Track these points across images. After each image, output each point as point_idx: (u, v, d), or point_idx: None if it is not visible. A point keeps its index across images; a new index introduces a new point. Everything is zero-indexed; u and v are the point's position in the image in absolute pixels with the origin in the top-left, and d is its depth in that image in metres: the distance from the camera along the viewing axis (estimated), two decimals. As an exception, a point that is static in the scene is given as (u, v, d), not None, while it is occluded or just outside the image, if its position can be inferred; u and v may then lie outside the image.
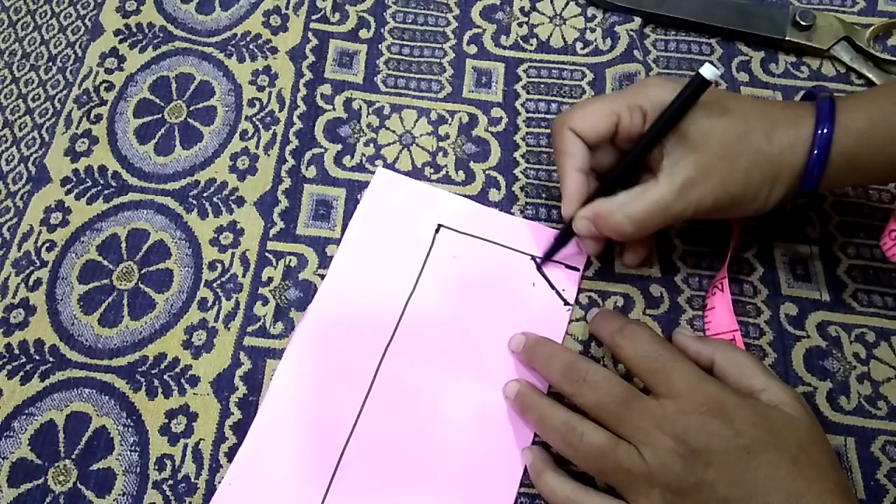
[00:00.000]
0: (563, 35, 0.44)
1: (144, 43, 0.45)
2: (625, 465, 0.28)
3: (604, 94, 0.41)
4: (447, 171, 0.40)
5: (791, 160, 0.31)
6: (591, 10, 0.45)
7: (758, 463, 0.27)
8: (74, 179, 0.41)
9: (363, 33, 0.45)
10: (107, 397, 0.35)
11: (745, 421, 0.28)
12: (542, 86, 0.43)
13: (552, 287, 0.36)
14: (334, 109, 0.42)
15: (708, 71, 0.29)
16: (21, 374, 0.36)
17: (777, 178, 0.31)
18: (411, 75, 0.43)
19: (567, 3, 0.45)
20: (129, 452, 0.34)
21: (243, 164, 0.41)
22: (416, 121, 0.42)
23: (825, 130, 0.30)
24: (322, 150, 0.41)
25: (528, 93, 0.42)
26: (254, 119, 0.42)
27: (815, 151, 0.30)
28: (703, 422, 0.28)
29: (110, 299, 0.37)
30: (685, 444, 0.27)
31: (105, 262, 0.38)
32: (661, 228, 0.33)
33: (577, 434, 0.30)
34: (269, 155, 0.41)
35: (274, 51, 0.44)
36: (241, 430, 0.34)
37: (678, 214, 0.32)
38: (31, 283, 0.38)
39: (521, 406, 0.33)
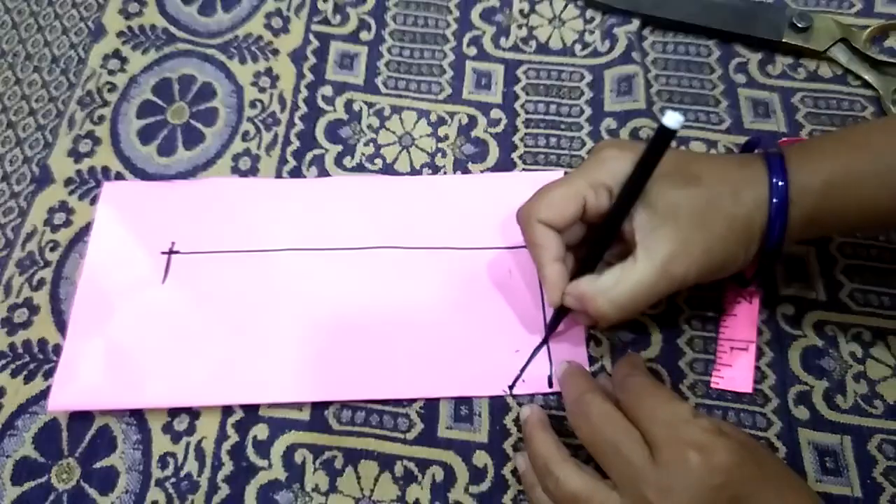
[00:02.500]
0: (562, 37, 0.45)
1: (147, 45, 0.45)
2: None
3: (563, 176, 0.36)
4: (445, 172, 0.40)
5: (759, 218, 0.30)
6: (589, 13, 0.45)
7: None
8: (77, 180, 0.41)
9: (364, 35, 0.45)
10: (110, 396, 0.35)
11: (735, 465, 0.26)
12: (542, 87, 0.43)
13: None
14: (335, 111, 0.42)
15: (672, 119, 0.26)
16: (25, 372, 0.36)
17: (751, 238, 0.31)
18: (411, 77, 0.44)
19: (566, 6, 0.46)
20: (131, 450, 0.34)
21: (245, 165, 0.41)
22: (416, 122, 0.42)
23: (781, 183, 0.30)
24: (323, 151, 0.41)
25: (527, 94, 0.43)
26: (255, 120, 0.42)
27: (773, 206, 0.30)
28: (689, 475, 0.26)
29: (113, 299, 0.38)
30: (669, 501, 0.26)
31: (108, 262, 0.38)
32: (648, 307, 0.33)
33: (552, 478, 0.29)
34: (270, 156, 0.41)
35: (275, 52, 0.44)
36: (244, 428, 0.34)
37: (663, 292, 0.30)
38: (34, 282, 0.38)
39: (523, 430, 0.32)
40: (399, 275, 0.37)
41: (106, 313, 0.36)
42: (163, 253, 0.38)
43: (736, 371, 0.35)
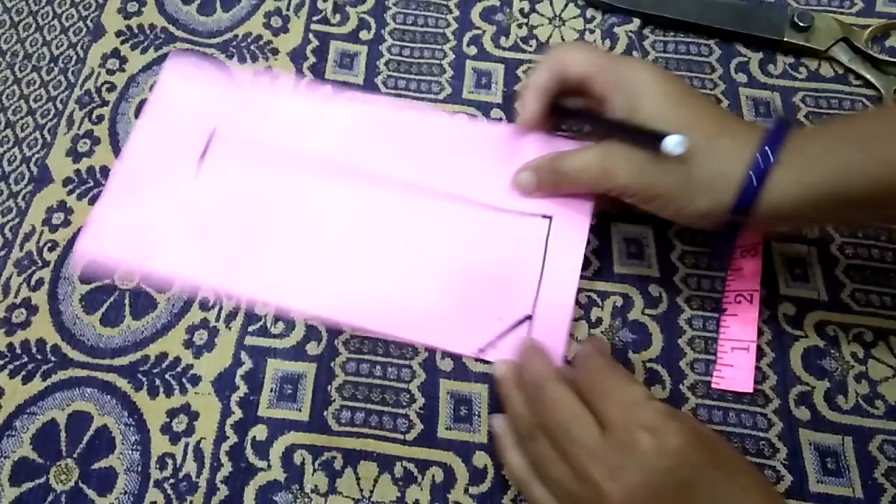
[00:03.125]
0: (562, 36, 0.45)
1: (146, 44, 0.45)
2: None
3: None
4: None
5: (724, 202, 0.30)
6: (590, 12, 0.45)
7: (696, 490, 0.26)
8: (76, 180, 0.41)
9: (364, 34, 0.45)
10: (108, 396, 0.35)
11: (687, 447, 0.27)
12: (542, 87, 0.43)
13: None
14: (335, 110, 0.42)
15: (671, 144, 0.29)
16: (23, 373, 0.36)
17: (705, 186, 0.31)
18: (411, 76, 0.43)
19: (566, 5, 0.46)
20: (130, 451, 0.34)
21: (244, 165, 0.41)
22: (416, 121, 0.42)
23: (768, 153, 0.29)
24: (322, 151, 0.41)
25: (527, 94, 0.43)
26: (255, 120, 0.42)
27: (751, 174, 0.29)
28: (639, 457, 0.26)
29: (112, 299, 0.37)
30: (618, 482, 0.26)
31: (107, 262, 0.38)
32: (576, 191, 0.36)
33: (534, 439, 0.30)
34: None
35: (275, 52, 0.44)
36: (242, 429, 0.34)
37: (602, 176, 0.33)
38: (33, 282, 0.38)
39: (500, 391, 0.33)
40: (415, 210, 0.38)
41: (141, 183, 0.39)
42: (202, 138, 0.40)
43: (737, 371, 0.35)
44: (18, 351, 0.36)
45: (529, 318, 0.36)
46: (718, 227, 0.32)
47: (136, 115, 0.43)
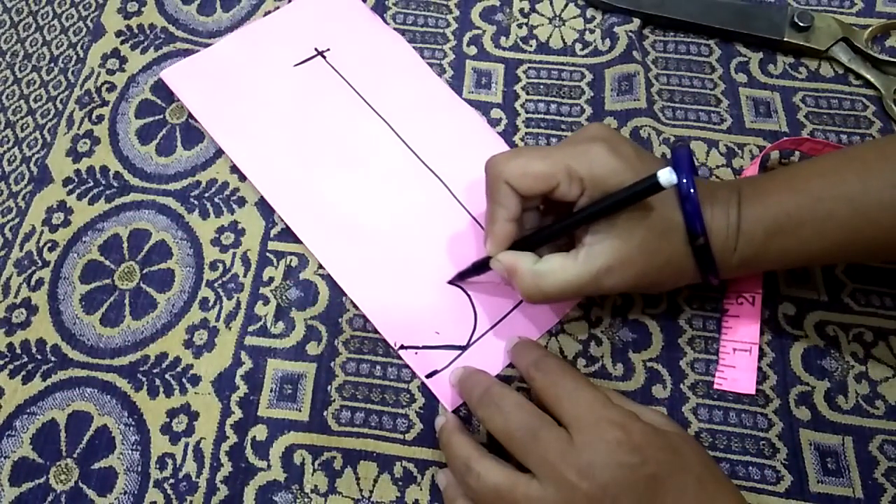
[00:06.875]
0: (562, 36, 0.45)
1: (146, 44, 0.45)
2: None
3: (546, 147, 0.34)
4: (447, 172, 0.40)
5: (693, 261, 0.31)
6: (590, 12, 0.45)
7: (665, 490, 0.27)
8: (76, 180, 0.41)
9: (363, 34, 0.45)
10: (108, 396, 0.35)
11: (652, 446, 0.27)
12: (542, 87, 0.43)
13: None
14: (335, 110, 0.42)
15: (664, 178, 0.27)
16: (23, 373, 0.36)
17: (683, 275, 0.32)
18: (411, 76, 0.43)
19: (566, 5, 0.46)
20: (130, 451, 0.34)
21: (244, 165, 0.41)
22: (416, 121, 0.42)
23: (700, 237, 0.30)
24: (322, 151, 0.41)
25: (527, 94, 0.43)
26: (255, 120, 0.42)
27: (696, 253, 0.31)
28: (609, 453, 0.27)
29: (112, 299, 0.37)
30: (590, 480, 0.26)
31: (107, 262, 0.38)
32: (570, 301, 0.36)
33: (473, 475, 0.29)
34: (269, 155, 0.41)
35: (275, 52, 0.44)
36: (242, 429, 0.34)
37: (588, 294, 0.32)
38: (33, 282, 0.38)
39: (439, 439, 0.33)
40: (422, 195, 0.39)
41: (241, 58, 0.44)
42: (308, 52, 0.44)
43: (739, 372, 0.35)
44: (18, 351, 0.36)
45: (462, 348, 0.36)
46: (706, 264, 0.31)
47: (136, 116, 0.43)
